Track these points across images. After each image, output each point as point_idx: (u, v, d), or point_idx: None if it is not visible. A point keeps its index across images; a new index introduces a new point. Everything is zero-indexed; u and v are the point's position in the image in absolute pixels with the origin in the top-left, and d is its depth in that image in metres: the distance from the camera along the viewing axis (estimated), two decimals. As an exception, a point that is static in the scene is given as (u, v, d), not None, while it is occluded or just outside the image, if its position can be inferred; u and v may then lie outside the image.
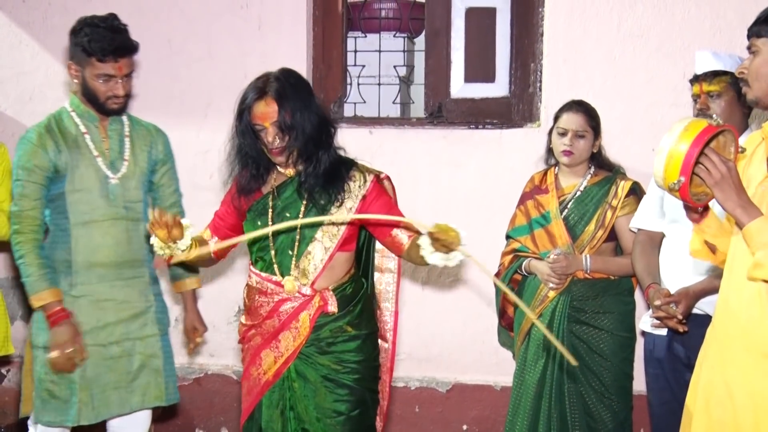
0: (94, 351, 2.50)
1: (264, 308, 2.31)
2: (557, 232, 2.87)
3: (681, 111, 3.19)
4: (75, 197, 2.49)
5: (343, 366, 2.29)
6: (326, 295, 2.29)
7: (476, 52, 3.62)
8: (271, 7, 3.51)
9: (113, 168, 2.55)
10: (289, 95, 2.18)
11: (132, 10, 3.58)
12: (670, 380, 2.61)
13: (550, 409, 2.83)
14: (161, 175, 2.67)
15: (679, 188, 1.70)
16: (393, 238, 2.29)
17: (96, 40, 2.41)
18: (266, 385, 2.32)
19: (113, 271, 2.54)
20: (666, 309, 2.43)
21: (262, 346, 2.32)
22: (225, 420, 3.69)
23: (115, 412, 2.57)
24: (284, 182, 2.30)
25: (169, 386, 2.64)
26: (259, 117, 2.19)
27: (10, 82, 3.70)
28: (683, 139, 1.69)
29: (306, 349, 2.29)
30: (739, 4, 3.14)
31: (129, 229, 2.56)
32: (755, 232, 1.70)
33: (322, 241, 2.27)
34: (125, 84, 2.49)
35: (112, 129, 2.58)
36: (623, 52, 3.28)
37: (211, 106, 3.59)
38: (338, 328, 2.30)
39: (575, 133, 2.84)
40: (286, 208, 2.28)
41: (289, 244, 2.28)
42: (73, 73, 2.50)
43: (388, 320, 2.47)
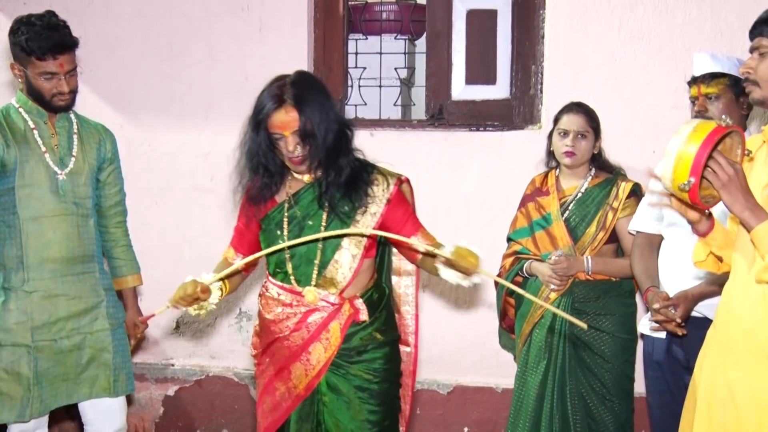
0: (45, 346, 2.51)
1: (291, 320, 2.22)
2: (558, 233, 2.87)
3: (681, 113, 3.19)
4: (25, 192, 2.47)
5: (374, 375, 2.24)
6: (356, 303, 2.23)
7: (477, 55, 3.63)
8: (272, 9, 3.52)
9: (61, 164, 2.54)
10: (308, 101, 2.09)
11: (133, 12, 3.59)
12: (670, 383, 2.61)
13: (552, 411, 2.83)
14: (107, 174, 2.67)
15: (689, 189, 1.69)
16: (408, 247, 2.25)
17: (33, 39, 2.38)
18: (297, 398, 2.24)
19: (65, 266, 2.54)
20: (665, 312, 2.42)
21: (291, 360, 2.23)
22: (226, 422, 3.69)
23: (62, 403, 2.58)
24: (301, 189, 2.23)
25: (119, 379, 2.63)
26: (278, 126, 2.09)
27: (11, 85, 3.69)
28: (692, 141, 1.69)
29: (337, 359, 2.22)
30: (740, 7, 3.14)
31: (79, 225, 2.56)
32: (764, 235, 1.70)
33: (349, 249, 2.20)
34: (69, 80, 2.47)
35: (60, 126, 2.57)
36: (624, 55, 3.29)
37: (212, 108, 3.59)
38: (368, 336, 2.24)
39: (577, 134, 2.84)
40: (306, 217, 2.20)
41: (310, 254, 2.20)
42: (16, 73, 2.48)
43: (409, 324, 2.43)
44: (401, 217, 2.23)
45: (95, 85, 3.63)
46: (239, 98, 3.56)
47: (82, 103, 3.62)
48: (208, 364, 3.70)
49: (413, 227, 2.25)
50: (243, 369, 3.68)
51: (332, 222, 2.18)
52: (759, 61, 1.84)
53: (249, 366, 3.67)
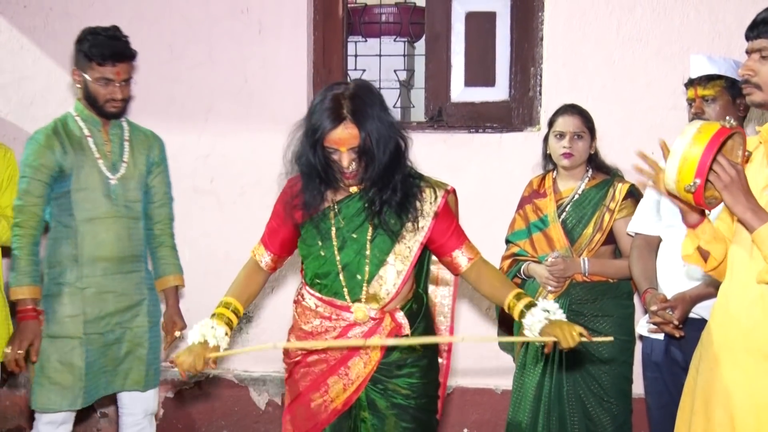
0: (94, 338, 2.69)
1: (330, 334, 2.15)
2: (555, 235, 2.88)
3: (680, 114, 3.20)
4: (80, 195, 2.66)
5: (412, 390, 2.17)
6: (398, 317, 2.16)
7: (476, 57, 3.64)
8: (271, 12, 3.53)
9: (113, 169, 2.71)
10: (368, 117, 2.00)
11: (133, 14, 3.60)
12: (668, 384, 2.61)
13: (549, 412, 2.83)
14: (154, 177, 2.82)
15: (695, 190, 1.69)
16: (452, 259, 2.18)
17: (96, 45, 2.59)
18: (334, 413, 2.17)
19: (115, 264, 2.71)
20: (662, 314, 2.42)
21: (328, 373, 2.17)
22: (226, 424, 3.69)
23: (101, 394, 2.75)
24: (346, 198, 2.14)
25: (150, 374, 2.79)
26: (335, 142, 2.00)
27: (12, 87, 3.71)
28: (697, 142, 1.69)
29: (376, 374, 2.16)
30: (738, 9, 3.15)
31: (129, 227, 2.73)
32: (766, 236, 1.70)
33: (395, 265, 2.13)
34: (123, 88, 2.66)
35: (113, 133, 2.74)
36: (622, 56, 3.30)
37: (212, 111, 3.60)
38: (408, 348, 2.17)
39: (573, 135, 2.85)
40: (351, 229, 2.12)
41: (357, 269, 2.12)
42: (76, 78, 2.68)
43: (444, 334, 2.36)
44: (446, 229, 2.16)
45: (95, 88, 3.64)
46: (239, 100, 3.58)
47: (82, 106, 3.66)
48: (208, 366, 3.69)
49: (458, 240, 2.18)
50: (243, 371, 3.68)
51: (377, 237, 2.12)
52: (761, 63, 1.82)
53: (249, 368, 3.67)
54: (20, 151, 3.27)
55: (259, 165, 3.58)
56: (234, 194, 3.57)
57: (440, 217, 2.15)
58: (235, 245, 3.51)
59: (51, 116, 3.66)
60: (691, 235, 1.94)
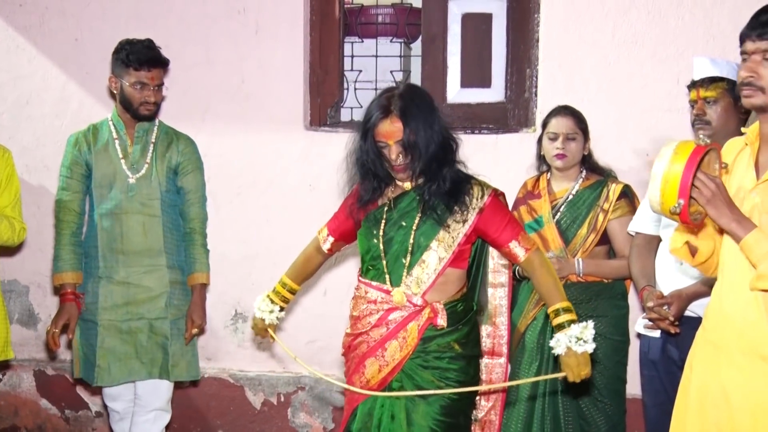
0: (111, 325, 2.92)
1: (373, 316, 2.30)
2: (550, 236, 2.89)
3: (675, 116, 3.21)
4: (100, 192, 2.93)
5: (446, 384, 2.26)
6: (437, 307, 2.26)
7: (472, 58, 3.65)
8: (268, 12, 3.53)
9: (133, 169, 2.93)
10: (413, 114, 2.18)
11: (129, 14, 3.60)
12: (665, 382, 2.63)
13: (543, 411, 2.84)
14: (183, 177, 3.00)
15: (680, 211, 1.71)
16: (510, 250, 2.31)
17: (133, 53, 2.84)
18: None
19: (131, 258, 2.92)
20: (658, 310, 2.45)
21: (367, 354, 2.30)
22: (222, 423, 3.70)
23: (127, 379, 2.96)
24: (401, 194, 2.32)
25: (179, 365, 2.96)
26: (383, 135, 2.20)
27: (7, 86, 3.70)
28: (675, 162, 1.71)
29: (411, 361, 2.27)
30: (732, 12, 3.17)
31: (144, 223, 2.91)
32: (753, 244, 1.72)
33: (437, 251, 2.26)
34: (156, 92, 2.90)
35: (138, 136, 2.96)
36: (618, 58, 3.31)
37: (209, 111, 3.60)
38: (446, 344, 2.28)
39: (566, 136, 2.87)
40: (401, 218, 2.29)
41: (402, 253, 2.28)
42: (112, 84, 2.92)
43: (503, 334, 2.46)
44: (498, 223, 2.28)
45: (91, 87, 3.63)
46: (236, 101, 3.58)
47: (79, 105, 3.66)
48: (204, 366, 3.69)
49: (513, 232, 2.30)
50: (239, 371, 3.68)
51: (423, 224, 2.27)
52: (764, 66, 1.80)
53: (244, 368, 3.67)
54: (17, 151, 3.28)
55: (256, 165, 3.58)
56: (230, 194, 3.58)
57: (486, 213, 2.27)
58: (231, 245, 3.53)
59: (47, 115, 3.70)
60: (681, 229, 1.95)
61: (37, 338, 3.80)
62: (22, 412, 3.81)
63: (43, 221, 3.70)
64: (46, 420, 3.80)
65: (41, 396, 3.80)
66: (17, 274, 3.77)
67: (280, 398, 3.64)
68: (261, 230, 3.58)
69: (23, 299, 3.79)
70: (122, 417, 3.10)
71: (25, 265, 3.76)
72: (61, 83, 3.66)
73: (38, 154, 3.70)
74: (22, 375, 3.80)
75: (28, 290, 3.79)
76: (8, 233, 2.82)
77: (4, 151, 2.92)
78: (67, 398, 3.78)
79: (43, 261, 3.73)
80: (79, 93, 3.66)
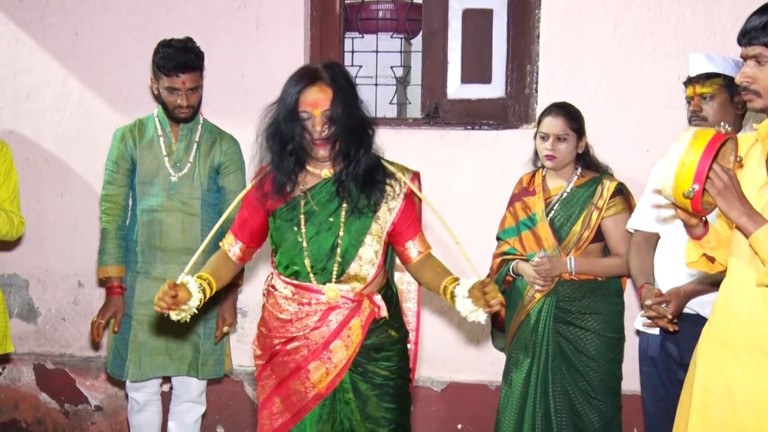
0: (144, 320, 2.92)
1: (311, 318, 2.18)
2: (543, 234, 2.88)
3: (675, 113, 3.21)
4: (144, 188, 2.94)
5: (390, 372, 2.22)
6: (376, 299, 2.20)
7: (473, 54, 3.64)
8: (268, 8, 3.52)
9: (176, 168, 2.94)
10: (341, 84, 2.08)
11: (129, 9, 3.59)
12: (664, 379, 2.63)
13: (534, 408, 2.84)
14: (224, 177, 2.99)
15: (693, 196, 1.70)
16: (404, 249, 2.24)
17: (165, 58, 2.83)
18: (316, 398, 2.20)
19: (168, 255, 2.93)
20: (656, 308, 2.45)
21: (309, 359, 2.18)
22: (220, 419, 3.70)
23: (158, 374, 2.99)
24: (317, 185, 2.18)
25: (207, 363, 2.98)
26: (309, 103, 2.06)
27: (8, 81, 3.70)
28: (693, 148, 1.70)
29: (357, 357, 2.19)
30: (733, 8, 3.16)
31: (183, 221, 2.93)
32: (763, 240, 1.71)
33: (372, 245, 2.17)
34: (189, 96, 2.87)
35: (182, 134, 2.97)
36: (618, 54, 3.30)
37: (208, 106, 3.58)
38: (384, 333, 2.23)
39: (556, 137, 2.85)
40: (324, 211, 2.16)
41: (332, 249, 2.15)
42: (153, 86, 2.95)
43: (411, 321, 2.40)
44: (408, 216, 2.21)
45: (91, 83, 3.63)
46: (235, 96, 3.58)
47: (79, 100, 3.65)
48: (203, 361, 3.70)
49: (414, 231, 2.24)
50: (237, 366, 3.68)
51: (353, 218, 2.15)
52: (759, 69, 1.81)
53: (243, 363, 3.67)
54: (17, 146, 3.28)
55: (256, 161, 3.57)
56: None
57: (408, 200, 2.20)
58: (230, 240, 3.53)
59: (47, 110, 3.69)
60: (695, 244, 1.95)
61: (37, 332, 3.81)
62: (22, 406, 3.82)
63: (43, 215, 3.71)
64: (45, 414, 3.81)
65: (41, 390, 3.80)
66: (17, 268, 3.78)
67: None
68: (261, 225, 3.58)
69: (23, 293, 3.80)
70: (141, 408, 3.08)
71: (25, 259, 3.77)
72: (61, 78, 3.66)
73: (38, 148, 3.70)
74: (21, 369, 3.81)
75: (28, 284, 3.79)
76: (7, 227, 2.85)
77: (3, 145, 2.93)
78: (66, 392, 3.78)
79: (43, 255, 3.74)
80: (79, 87, 3.66)
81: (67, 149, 3.67)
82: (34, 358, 3.80)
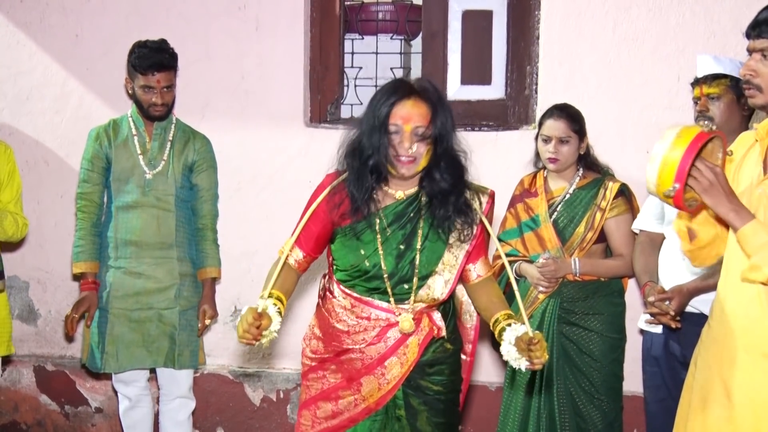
0: (121, 313, 2.99)
1: (369, 333, 2.10)
2: (547, 235, 2.89)
3: (675, 114, 3.21)
4: (118, 186, 3.01)
5: (442, 386, 2.16)
6: (435, 318, 2.12)
7: (473, 55, 3.64)
8: (268, 9, 3.53)
9: (151, 165, 3.01)
10: (438, 99, 1.95)
11: (130, 10, 3.60)
12: (666, 378, 2.64)
13: (539, 408, 2.85)
14: (197, 175, 3.07)
15: (674, 195, 1.71)
16: (466, 270, 2.14)
17: (141, 57, 2.92)
18: (366, 411, 2.13)
19: (143, 250, 2.99)
20: (659, 305, 2.46)
21: (363, 372, 2.12)
22: (221, 420, 3.70)
23: (136, 366, 3.04)
24: (391, 205, 2.06)
25: (183, 354, 3.04)
26: (401, 116, 1.92)
27: (8, 82, 3.70)
28: (677, 146, 1.70)
29: (411, 373, 2.12)
30: (733, 9, 3.16)
31: (158, 217, 2.99)
32: (750, 235, 1.72)
33: (443, 275, 2.08)
34: (163, 94, 2.96)
35: (156, 133, 3.04)
36: (618, 56, 3.31)
37: (208, 107, 3.60)
38: (441, 348, 2.16)
39: (558, 140, 2.85)
40: (398, 237, 2.05)
41: (405, 276, 2.06)
42: (127, 86, 3.02)
43: (469, 333, 2.29)
44: (480, 240, 2.12)
45: (92, 83, 3.63)
46: (236, 97, 3.58)
47: (79, 101, 3.66)
48: (204, 362, 3.70)
49: (478, 253, 2.15)
50: (238, 367, 3.69)
51: (427, 246, 2.05)
52: (763, 63, 1.80)
53: (244, 364, 3.68)
54: (17, 147, 3.29)
55: (255, 162, 3.58)
56: (230, 190, 3.57)
57: (481, 225, 2.08)
58: (230, 241, 3.52)
59: (47, 111, 3.69)
60: (682, 216, 1.96)
61: (37, 334, 3.81)
62: (22, 408, 3.82)
63: (43, 217, 3.71)
64: (45, 416, 3.81)
65: (41, 392, 3.80)
66: (17, 270, 3.78)
67: (279, 395, 3.65)
68: (260, 226, 3.59)
69: (23, 295, 3.80)
70: (134, 405, 3.14)
71: (26, 260, 3.77)
72: (61, 79, 3.66)
73: (38, 149, 3.71)
74: (22, 371, 3.81)
75: (28, 286, 3.79)
76: (13, 228, 2.92)
77: (6, 148, 2.99)
78: (66, 394, 3.78)
79: (43, 257, 3.74)
80: (80, 89, 3.66)
81: (67, 150, 3.67)
82: (34, 360, 3.80)
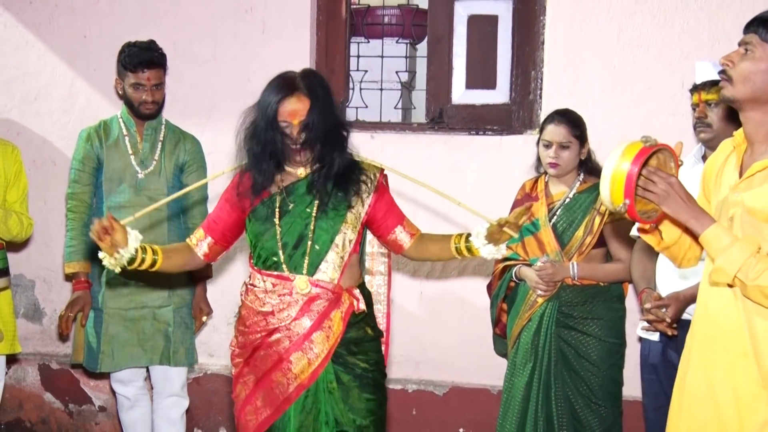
0: (115, 313, 3.02)
1: (293, 308, 2.24)
2: (546, 239, 2.89)
3: (679, 120, 3.22)
4: (110, 186, 3.03)
5: (370, 365, 2.29)
6: (355, 292, 2.29)
7: (477, 59, 3.66)
8: (275, 12, 3.55)
9: (142, 165, 3.04)
10: (318, 93, 2.18)
11: (138, 12, 3.62)
12: (665, 385, 2.64)
13: (536, 412, 2.85)
14: (187, 175, 3.10)
15: (626, 210, 1.76)
16: (395, 237, 2.34)
17: (130, 56, 2.96)
18: (299, 389, 2.24)
19: None
20: (656, 312, 2.47)
21: (291, 349, 2.23)
22: (223, 419, 3.72)
23: (131, 365, 3.06)
24: (293, 183, 2.28)
25: (179, 351, 3.06)
26: (288, 114, 2.17)
27: (16, 83, 3.73)
28: (622, 163, 1.76)
29: (338, 349, 2.26)
30: (737, 16, 3.17)
31: (151, 216, 2.92)
32: (712, 239, 1.75)
33: (346, 233, 2.26)
34: (153, 92, 2.99)
35: (147, 133, 3.07)
36: (623, 61, 3.32)
37: (215, 109, 3.62)
38: (362, 329, 2.31)
39: (559, 145, 2.86)
40: (299, 206, 2.26)
41: (306, 240, 2.24)
42: (117, 86, 3.05)
43: (381, 322, 2.46)
44: (385, 205, 2.32)
45: (99, 84, 3.66)
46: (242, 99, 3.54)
47: (86, 102, 3.68)
48: (207, 362, 3.72)
49: (398, 217, 2.35)
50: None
51: (327, 211, 2.25)
52: (742, 57, 1.81)
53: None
54: (24, 147, 3.31)
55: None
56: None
57: (379, 193, 2.30)
58: (235, 243, 3.55)
59: (55, 112, 3.72)
60: None
61: (42, 332, 3.83)
62: (27, 406, 3.84)
63: (49, 216, 3.73)
64: (50, 414, 3.83)
65: (45, 390, 3.83)
66: (23, 269, 3.81)
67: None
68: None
69: (29, 294, 3.82)
70: (132, 404, 3.17)
71: (31, 259, 3.79)
72: (69, 80, 3.69)
73: (45, 149, 3.73)
74: (26, 369, 3.83)
75: (34, 285, 3.82)
76: (17, 228, 2.94)
77: (13, 148, 3.02)
78: (71, 392, 3.80)
79: (49, 256, 3.76)
80: (87, 90, 3.69)
81: (74, 151, 3.69)
82: (39, 358, 3.83)
